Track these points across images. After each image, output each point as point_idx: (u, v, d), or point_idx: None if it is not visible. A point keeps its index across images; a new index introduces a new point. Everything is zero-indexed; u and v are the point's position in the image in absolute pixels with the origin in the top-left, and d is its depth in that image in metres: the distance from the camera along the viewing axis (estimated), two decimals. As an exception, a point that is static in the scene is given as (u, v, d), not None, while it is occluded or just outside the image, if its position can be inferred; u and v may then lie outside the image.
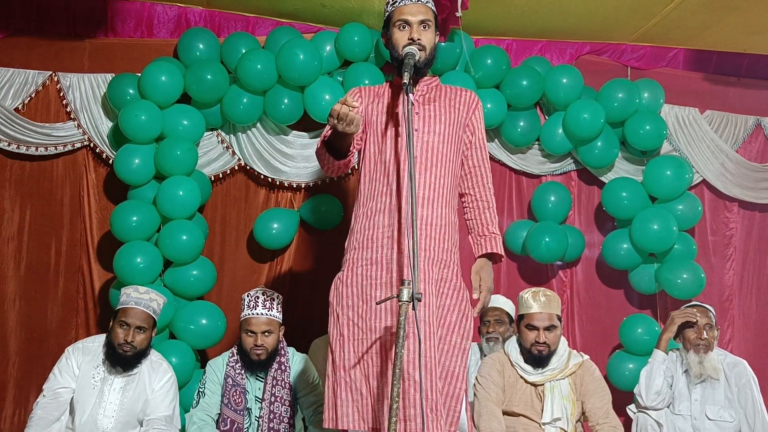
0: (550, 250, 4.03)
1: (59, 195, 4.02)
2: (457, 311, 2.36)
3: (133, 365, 2.97)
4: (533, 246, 4.06)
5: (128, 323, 2.94)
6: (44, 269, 3.99)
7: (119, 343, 2.93)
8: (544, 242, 4.01)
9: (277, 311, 3.19)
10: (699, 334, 3.21)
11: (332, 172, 2.49)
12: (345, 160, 2.42)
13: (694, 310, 3.27)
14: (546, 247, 4.01)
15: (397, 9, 2.43)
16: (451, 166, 2.44)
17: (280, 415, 3.15)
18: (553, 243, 4.02)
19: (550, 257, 4.09)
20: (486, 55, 4.07)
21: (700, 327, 3.22)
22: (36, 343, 3.94)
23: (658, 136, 4.13)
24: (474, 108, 2.53)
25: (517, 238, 4.21)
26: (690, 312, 3.26)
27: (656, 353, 3.28)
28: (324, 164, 2.47)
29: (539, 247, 4.03)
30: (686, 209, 4.12)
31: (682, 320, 3.25)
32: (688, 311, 3.28)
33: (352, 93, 2.56)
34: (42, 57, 3.97)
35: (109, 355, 2.97)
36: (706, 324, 3.23)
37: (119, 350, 2.94)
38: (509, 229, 4.25)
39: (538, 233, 4.07)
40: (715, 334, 3.26)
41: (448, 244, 2.39)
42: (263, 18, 4.17)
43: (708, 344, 3.21)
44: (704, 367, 3.18)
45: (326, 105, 3.85)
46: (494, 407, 3.04)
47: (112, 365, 2.96)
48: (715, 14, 3.93)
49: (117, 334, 2.94)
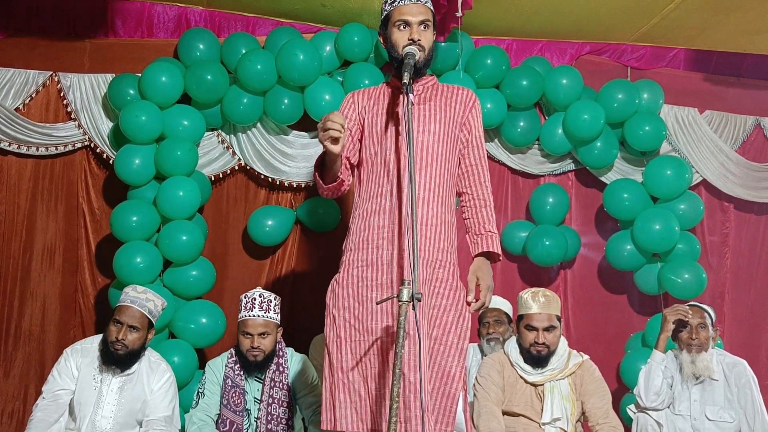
0: (550, 254, 4.05)
1: (60, 195, 4.03)
2: (453, 311, 2.35)
3: (127, 365, 2.94)
4: (533, 249, 4.07)
5: (121, 321, 2.92)
6: (44, 269, 3.99)
7: (111, 341, 2.91)
8: (543, 246, 4.03)
9: (275, 313, 3.18)
10: (691, 334, 3.22)
11: (325, 195, 2.46)
12: (335, 184, 2.39)
13: (685, 307, 3.27)
14: (546, 250, 4.02)
15: (396, 9, 2.42)
16: (447, 166, 2.43)
17: (277, 416, 3.15)
18: (553, 247, 4.04)
19: (550, 260, 4.10)
20: (486, 55, 4.07)
21: (693, 327, 3.22)
22: (35, 344, 3.94)
23: (658, 137, 4.14)
24: (471, 106, 2.51)
25: (513, 239, 4.22)
26: (682, 309, 3.26)
27: (654, 353, 3.27)
28: (317, 187, 2.45)
29: (539, 250, 4.04)
30: (688, 209, 4.11)
31: (674, 317, 3.25)
32: (679, 308, 3.27)
33: (346, 101, 2.56)
34: (42, 57, 3.97)
35: (103, 353, 2.95)
36: (698, 324, 3.22)
37: (111, 348, 2.91)
38: (507, 229, 4.26)
39: (538, 236, 4.08)
40: (711, 335, 3.25)
41: (444, 243, 2.38)
42: (263, 18, 4.18)
43: (700, 344, 3.20)
44: (696, 367, 3.18)
45: (326, 105, 3.86)
46: (494, 407, 3.04)
47: (106, 364, 2.93)
48: (714, 14, 3.93)
49: (110, 332, 2.93)
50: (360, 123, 2.51)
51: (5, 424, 3.86)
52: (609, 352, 4.17)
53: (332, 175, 2.36)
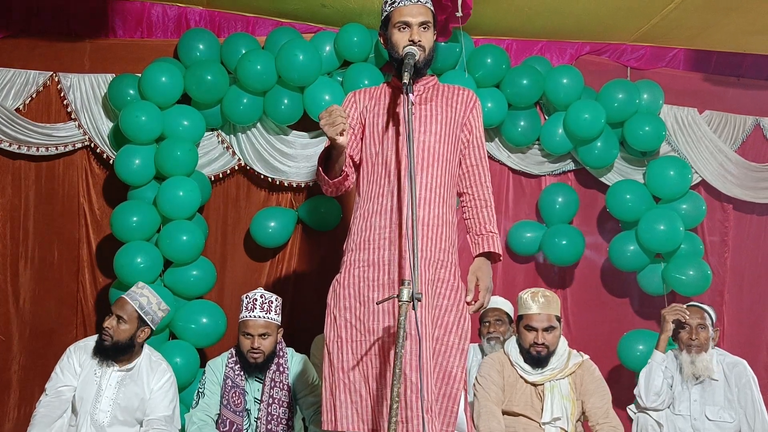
0: (567, 254, 4.08)
1: (60, 195, 4.03)
2: (454, 311, 2.36)
3: (116, 357, 2.95)
4: (549, 249, 4.11)
5: (112, 312, 2.98)
6: (46, 269, 4.00)
7: (101, 331, 2.97)
8: (560, 245, 4.07)
9: (276, 314, 3.18)
10: (690, 335, 3.22)
11: (329, 191, 2.47)
12: (340, 178, 2.40)
13: (683, 306, 3.28)
14: (562, 249, 4.06)
15: (396, 10, 2.43)
16: (448, 166, 2.43)
17: (278, 416, 3.15)
18: (570, 246, 4.08)
19: (568, 260, 4.14)
20: (486, 54, 4.07)
21: (693, 327, 3.23)
22: (38, 342, 3.95)
23: (657, 137, 4.14)
24: (472, 106, 2.52)
25: (513, 239, 4.24)
26: (680, 309, 3.27)
27: (655, 354, 3.28)
28: (320, 183, 2.46)
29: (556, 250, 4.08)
30: (690, 208, 4.12)
31: (673, 317, 3.25)
32: (677, 308, 3.28)
33: (347, 100, 2.57)
34: (42, 57, 3.97)
35: (96, 343, 3.00)
36: (698, 324, 3.23)
37: (100, 338, 2.97)
38: (513, 230, 4.27)
39: (552, 237, 4.12)
40: (711, 335, 3.26)
41: (445, 244, 2.39)
42: (263, 18, 4.18)
43: (700, 345, 3.21)
44: (696, 368, 3.19)
45: (326, 105, 3.82)
46: (493, 407, 3.05)
47: (96, 354, 2.96)
48: (714, 15, 3.93)
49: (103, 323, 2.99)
50: (361, 122, 2.52)
51: (10, 420, 3.88)
52: (610, 353, 4.18)
53: (338, 169, 2.37)
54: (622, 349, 4.00)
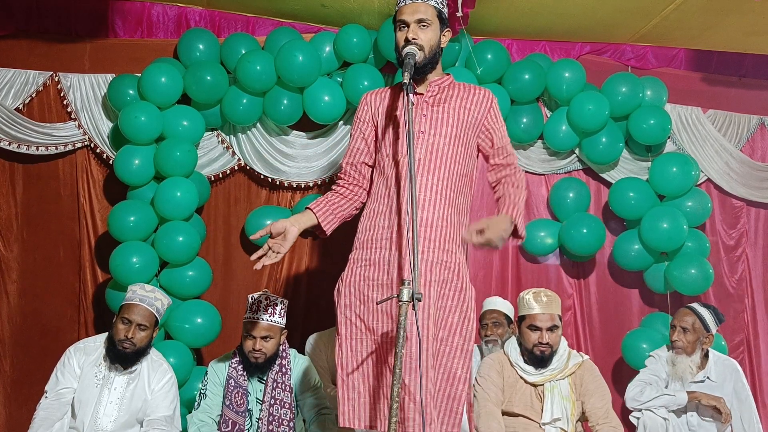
0: (589, 243, 4.04)
1: (60, 194, 4.02)
2: (458, 313, 2.35)
3: (133, 363, 2.95)
4: (570, 240, 4.05)
5: (130, 320, 2.93)
6: (45, 268, 3.99)
7: (119, 339, 2.92)
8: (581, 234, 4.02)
9: (280, 316, 3.17)
10: (672, 335, 3.29)
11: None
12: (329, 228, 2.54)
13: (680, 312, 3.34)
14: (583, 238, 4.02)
15: (398, 10, 2.43)
16: (456, 168, 2.41)
17: (279, 417, 3.15)
18: (591, 235, 4.03)
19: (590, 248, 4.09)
20: (487, 50, 4.07)
21: (676, 329, 3.28)
22: (36, 342, 3.94)
23: (663, 130, 4.10)
24: (488, 107, 2.49)
25: (526, 239, 4.20)
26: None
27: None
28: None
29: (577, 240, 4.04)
30: (695, 205, 4.09)
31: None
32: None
33: (361, 102, 2.58)
34: (42, 57, 3.96)
35: (109, 351, 2.95)
36: (681, 327, 3.27)
37: (119, 346, 2.92)
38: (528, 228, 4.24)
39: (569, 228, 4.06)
40: (698, 338, 3.25)
41: (449, 245, 2.37)
42: (263, 18, 4.18)
43: (683, 347, 3.24)
44: (675, 369, 3.22)
45: (325, 106, 3.87)
46: (493, 407, 3.05)
47: (111, 362, 2.94)
48: (714, 16, 3.94)
49: (118, 330, 2.93)
50: (374, 124, 2.53)
51: (9, 420, 3.88)
52: (611, 353, 4.18)
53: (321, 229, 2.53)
54: (627, 348, 3.99)
